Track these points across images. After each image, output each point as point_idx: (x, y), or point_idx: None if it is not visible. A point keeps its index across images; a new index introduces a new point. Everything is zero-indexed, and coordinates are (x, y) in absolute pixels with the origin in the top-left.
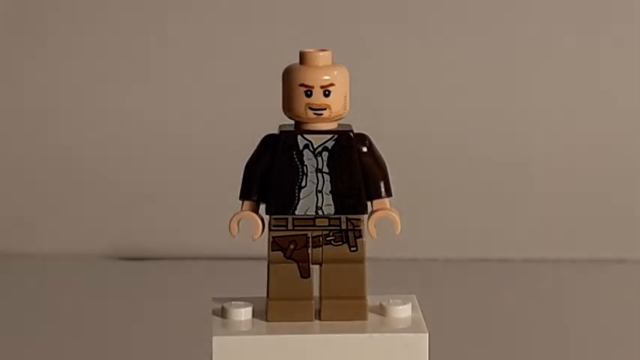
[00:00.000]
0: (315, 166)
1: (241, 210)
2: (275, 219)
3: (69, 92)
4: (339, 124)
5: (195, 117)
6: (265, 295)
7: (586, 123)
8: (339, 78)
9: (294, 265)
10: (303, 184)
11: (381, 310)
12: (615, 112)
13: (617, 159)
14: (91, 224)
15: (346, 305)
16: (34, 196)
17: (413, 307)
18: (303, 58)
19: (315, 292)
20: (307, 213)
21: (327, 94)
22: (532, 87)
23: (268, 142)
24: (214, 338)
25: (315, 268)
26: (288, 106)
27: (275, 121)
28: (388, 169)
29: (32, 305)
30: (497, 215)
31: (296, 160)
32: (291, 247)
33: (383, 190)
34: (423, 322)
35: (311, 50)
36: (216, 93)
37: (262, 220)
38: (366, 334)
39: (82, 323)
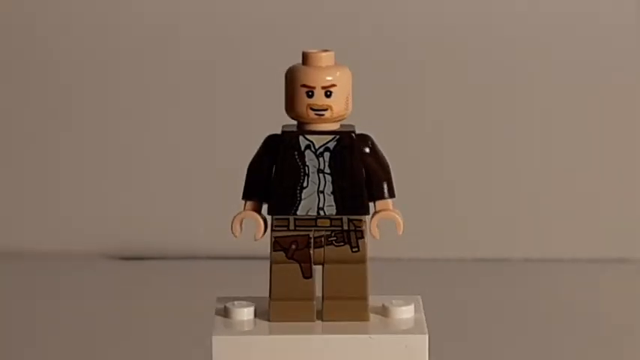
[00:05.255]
0: (317, 166)
1: (244, 210)
2: (277, 219)
3: (70, 92)
4: (341, 125)
5: (197, 117)
6: (268, 295)
7: (586, 122)
8: (341, 79)
9: (296, 266)
10: (305, 184)
11: (384, 311)
12: (615, 112)
13: (617, 158)
14: (91, 224)
15: (348, 306)
16: (34, 195)
17: (416, 308)
18: (305, 58)
19: (318, 293)
20: (309, 213)
21: (328, 94)
22: (532, 87)
23: (271, 142)
24: (214, 338)
25: (317, 269)
26: (290, 107)
27: (279, 121)
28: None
29: (32, 305)
30: (497, 215)
31: (298, 160)
32: (293, 247)
33: (386, 190)
34: (424, 324)
35: (313, 51)
36: (218, 92)
37: (265, 220)
38: (366, 335)
39: (82, 323)
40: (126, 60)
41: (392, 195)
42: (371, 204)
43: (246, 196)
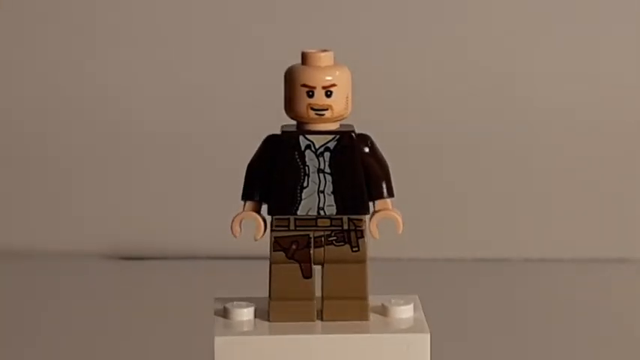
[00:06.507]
0: (317, 166)
1: (243, 210)
2: (277, 219)
3: (69, 93)
4: (340, 125)
5: (197, 117)
6: (267, 295)
7: (587, 122)
8: (341, 78)
9: (296, 266)
10: (305, 184)
11: (383, 311)
12: (616, 112)
13: (617, 158)
14: (91, 224)
15: (348, 305)
16: (33, 195)
17: (415, 307)
18: (305, 58)
19: (318, 293)
20: (309, 213)
21: (328, 94)
22: (532, 86)
23: (270, 142)
24: (216, 338)
25: (317, 269)
26: (290, 107)
27: (277, 121)
28: (390, 170)
29: (32, 305)
30: (497, 215)
31: (298, 160)
32: (293, 247)
33: (385, 190)
34: (425, 323)
35: (313, 51)
36: (218, 93)
37: (264, 220)
38: (368, 335)
39: (81, 323)
40: (126, 61)
41: (391, 194)
42: (370, 204)
43: (245, 196)
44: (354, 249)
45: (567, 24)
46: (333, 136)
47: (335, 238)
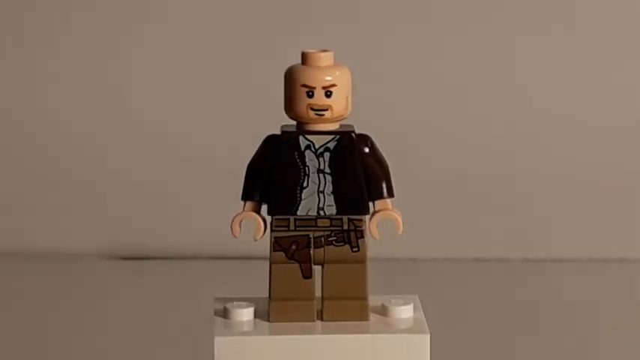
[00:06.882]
0: (317, 166)
1: (243, 210)
2: (277, 219)
3: (69, 94)
4: (340, 125)
5: (197, 117)
6: (267, 295)
7: (587, 123)
8: (340, 78)
9: (296, 266)
10: (305, 184)
11: (383, 311)
12: (616, 112)
13: (617, 159)
14: (91, 224)
15: (348, 306)
16: (33, 195)
17: (415, 308)
18: (304, 58)
19: (318, 293)
20: (309, 214)
21: (328, 94)
22: (533, 87)
23: (270, 142)
24: (216, 339)
25: (317, 269)
26: (289, 107)
27: (277, 121)
28: (390, 170)
29: (32, 305)
30: (497, 215)
31: (298, 160)
32: (293, 247)
33: (385, 190)
34: (425, 323)
35: (313, 51)
36: (218, 93)
37: (264, 220)
38: (368, 335)
39: (81, 323)
40: (125, 62)
41: (391, 194)
42: (370, 204)
43: (245, 196)
44: (354, 249)
45: (573, 23)
46: (333, 136)
47: (335, 238)
